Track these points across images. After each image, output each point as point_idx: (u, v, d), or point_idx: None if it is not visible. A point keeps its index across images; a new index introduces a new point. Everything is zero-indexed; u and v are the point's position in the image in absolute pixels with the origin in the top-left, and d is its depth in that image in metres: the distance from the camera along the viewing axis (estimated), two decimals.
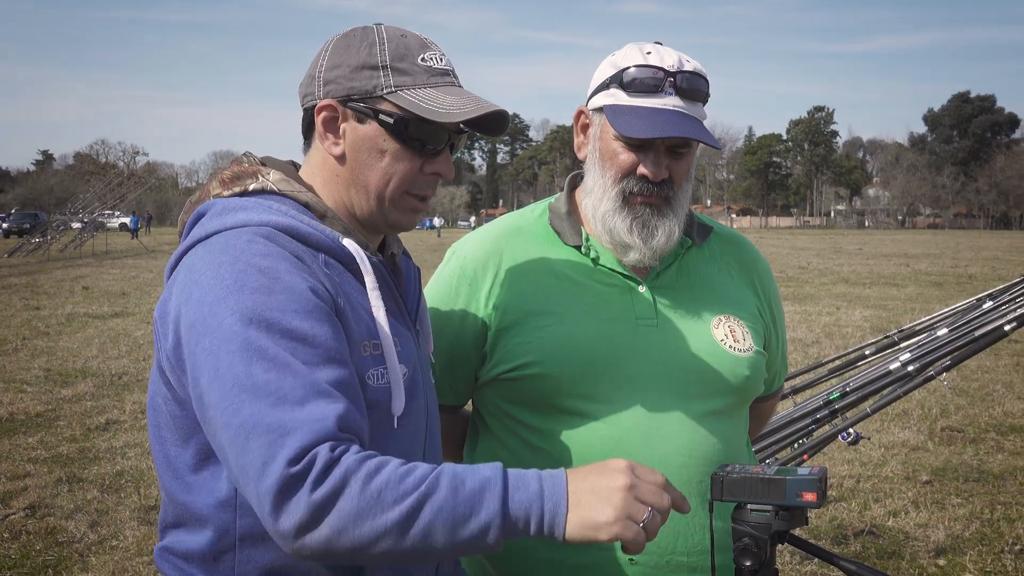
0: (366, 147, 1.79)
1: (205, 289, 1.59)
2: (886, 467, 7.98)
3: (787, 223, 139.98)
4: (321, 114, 1.79)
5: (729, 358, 2.21)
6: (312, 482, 1.45)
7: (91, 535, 6.36)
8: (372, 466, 1.48)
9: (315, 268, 1.68)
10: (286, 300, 1.58)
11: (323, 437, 1.48)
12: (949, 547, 6.17)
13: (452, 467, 1.53)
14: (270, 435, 1.47)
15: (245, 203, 1.74)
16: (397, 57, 1.78)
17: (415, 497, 1.47)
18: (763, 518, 1.68)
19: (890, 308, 20.03)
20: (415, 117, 1.76)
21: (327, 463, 1.46)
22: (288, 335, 1.55)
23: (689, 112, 2.13)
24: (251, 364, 1.52)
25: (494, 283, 2.24)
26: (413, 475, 1.49)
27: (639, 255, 2.18)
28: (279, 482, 1.45)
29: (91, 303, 20.91)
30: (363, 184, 1.80)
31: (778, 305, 2.46)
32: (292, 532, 1.46)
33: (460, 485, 1.49)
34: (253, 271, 1.59)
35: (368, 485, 1.46)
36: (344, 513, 1.45)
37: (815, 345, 14.47)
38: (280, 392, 1.50)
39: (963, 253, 46.42)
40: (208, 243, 1.68)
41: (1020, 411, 10.10)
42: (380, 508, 1.45)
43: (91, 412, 9.92)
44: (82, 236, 46.06)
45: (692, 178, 2.25)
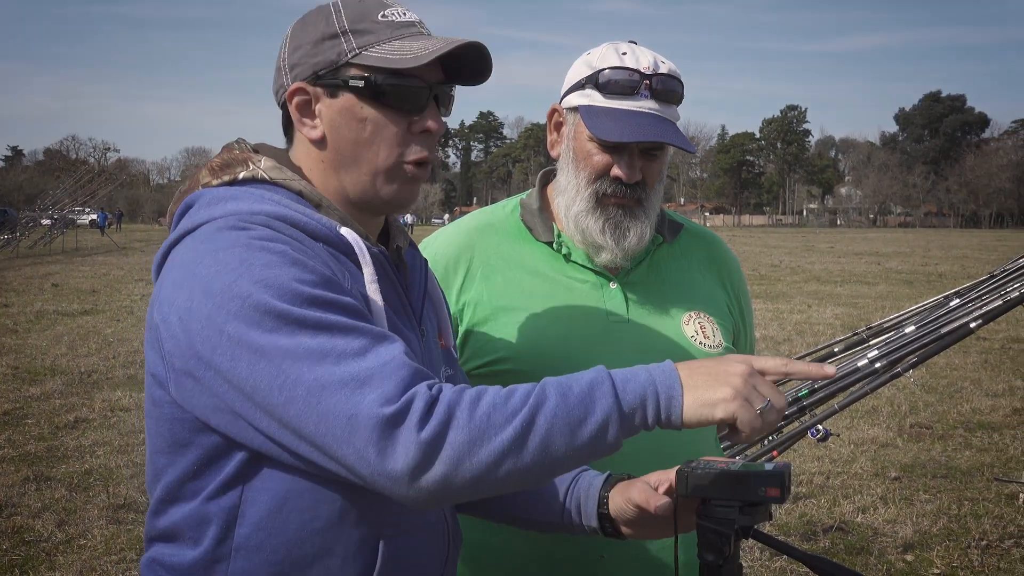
0: (344, 121, 1.67)
1: (208, 278, 1.48)
2: (855, 464, 8.04)
3: (760, 221, 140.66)
4: (293, 100, 1.68)
5: (699, 354, 2.22)
6: (418, 421, 1.37)
7: (59, 534, 6.31)
8: (473, 394, 1.42)
9: (315, 252, 1.57)
10: (300, 272, 1.48)
11: (407, 373, 1.42)
12: (917, 543, 6.22)
13: (554, 378, 1.48)
14: (345, 388, 1.39)
15: (235, 192, 1.63)
16: (355, 19, 1.67)
17: (526, 411, 1.41)
18: (727, 513, 1.68)
19: (861, 306, 20.17)
20: (386, 72, 1.64)
21: (429, 400, 1.39)
22: (315, 300, 1.46)
23: (664, 115, 2.14)
24: (295, 335, 1.42)
25: (465, 279, 2.24)
26: (517, 393, 1.44)
27: (611, 256, 2.19)
28: (378, 427, 1.37)
29: (60, 300, 20.75)
30: (352, 162, 1.68)
31: (747, 302, 2.48)
32: (406, 476, 1.38)
33: (568, 391, 1.45)
34: (258, 251, 1.49)
35: (475, 411, 1.40)
36: (457, 444, 1.38)
37: (787, 343, 14.55)
38: (337, 350, 1.42)
39: (933, 251, 46.81)
40: (197, 234, 1.57)
41: (988, 408, 10.19)
42: (493, 430, 1.39)
43: (60, 410, 9.84)
44: (52, 233, 45.67)
45: (664, 179, 2.26)
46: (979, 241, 62.26)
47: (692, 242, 2.41)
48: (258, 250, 1.49)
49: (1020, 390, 11.00)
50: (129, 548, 6.05)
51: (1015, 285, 4.49)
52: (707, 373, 1.51)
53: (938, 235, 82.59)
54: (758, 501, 1.67)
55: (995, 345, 14.44)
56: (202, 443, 1.57)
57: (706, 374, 1.51)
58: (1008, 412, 9.98)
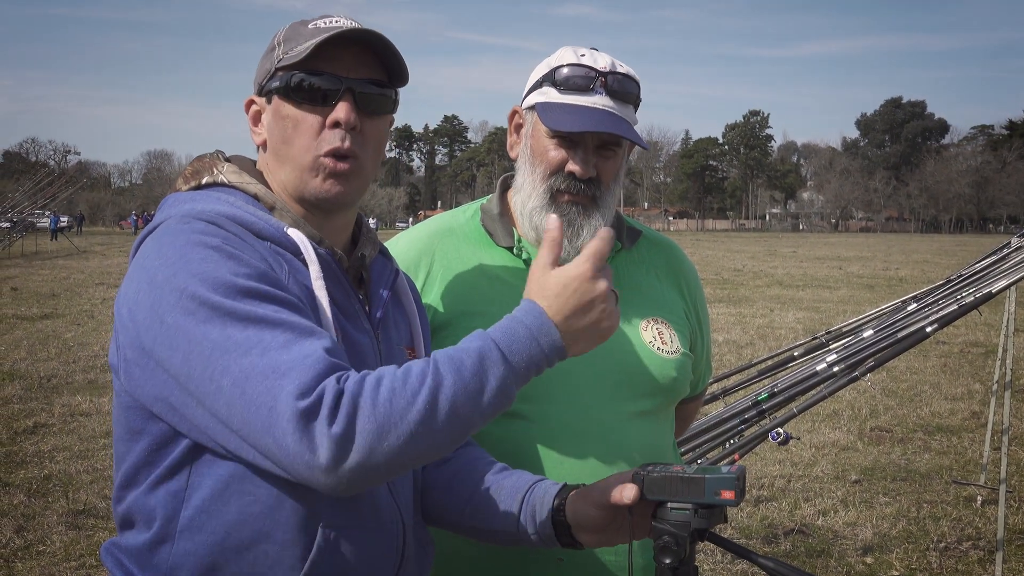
0: (274, 122, 1.80)
1: (153, 271, 1.59)
2: (816, 467, 8.10)
3: (723, 226, 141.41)
4: (249, 111, 1.86)
5: (657, 359, 2.23)
6: (328, 415, 1.44)
7: (17, 540, 6.25)
8: (373, 380, 1.49)
9: (261, 251, 1.67)
10: (236, 266, 1.58)
11: (323, 368, 1.48)
12: (877, 545, 6.28)
13: (444, 353, 1.56)
14: (267, 380, 1.46)
15: (195, 195, 1.77)
16: (290, 33, 1.81)
17: (427, 392, 1.49)
18: (682, 516, 1.70)
19: (823, 310, 20.33)
20: (294, 69, 1.75)
21: (336, 393, 1.46)
22: (248, 293, 1.55)
23: (618, 112, 2.16)
24: (225, 327, 1.51)
25: (426, 283, 2.25)
26: (413, 374, 1.51)
27: (566, 254, 2.19)
28: (293, 419, 1.44)
29: (19, 304, 20.52)
30: (284, 159, 1.79)
31: (704, 309, 2.50)
32: (324, 468, 1.45)
33: (461, 366, 1.53)
34: (196, 246, 1.59)
35: (377, 399, 1.47)
36: (368, 433, 1.45)
37: (749, 347, 14.64)
38: (263, 343, 1.49)
39: (894, 256, 47.27)
40: (155, 232, 1.70)
41: (947, 411, 10.31)
42: (398, 414, 1.47)
43: (18, 415, 9.74)
44: (11, 236, 45.17)
45: (620, 180, 2.28)
46: (939, 246, 62.95)
47: (650, 249, 2.42)
48: (196, 245, 1.59)
49: (978, 394, 11.13)
50: (89, 554, 5.99)
51: (970, 290, 4.56)
52: (575, 303, 1.64)
53: (899, 240, 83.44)
54: (713, 504, 1.69)
55: (954, 349, 14.61)
56: (151, 430, 1.67)
57: (575, 305, 1.63)
58: (966, 415, 10.10)
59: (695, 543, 1.72)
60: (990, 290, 4.38)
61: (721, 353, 13.82)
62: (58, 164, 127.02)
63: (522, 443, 2.13)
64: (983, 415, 9.40)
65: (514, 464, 2.08)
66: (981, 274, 4.92)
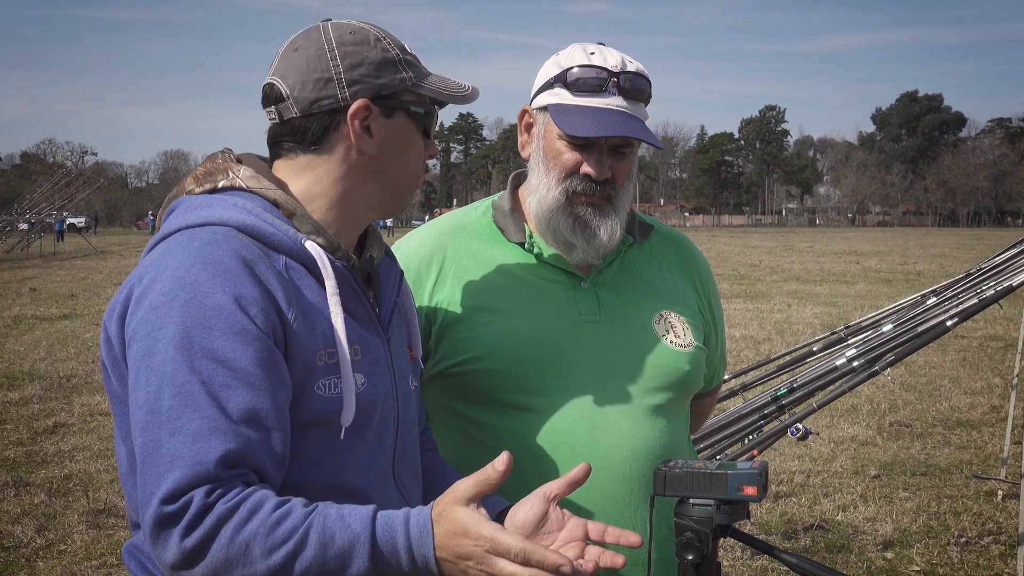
0: (396, 140, 1.83)
1: (151, 294, 1.61)
2: (835, 462, 8.08)
3: (739, 221, 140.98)
4: (359, 115, 1.78)
5: (670, 353, 2.23)
6: (184, 528, 1.49)
7: (38, 540, 6.28)
8: (244, 514, 1.51)
9: (268, 275, 1.65)
10: (213, 317, 1.58)
11: (201, 479, 1.51)
12: (897, 540, 6.26)
13: (323, 517, 1.53)
14: (159, 466, 1.52)
15: (211, 200, 1.73)
16: (401, 50, 1.84)
17: (284, 553, 1.50)
18: (705, 512, 1.69)
19: (840, 305, 20.26)
20: (435, 103, 1.88)
21: (200, 509, 1.50)
22: (207, 354, 1.56)
23: (632, 112, 2.15)
24: (162, 386, 1.55)
25: (438, 279, 2.25)
26: (284, 525, 1.51)
27: (583, 254, 2.20)
28: (154, 517, 1.50)
29: (39, 305, 20.63)
30: (388, 176, 1.85)
31: (717, 303, 2.50)
32: (168, 566, 1.51)
33: (330, 541, 1.52)
34: (188, 284, 1.59)
35: (237, 535, 1.50)
36: (215, 560, 1.50)
37: (767, 342, 14.60)
38: (178, 423, 1.53)
39: (911, 250, 47.07)
40: (169, 241, 1.69)
41: (966, 405, 10.26)
42: (249, 560, 1.50)
43: (39, 415, 9.79)
44: (29, 237, 45.42)
45: (634, 178, 2.28)
46: (957, 240, 62.64)
47: (662, 243, 2.43)
48: (190, 285, 1.59)
49: (998, 388, 11.07)
50: (109, 553, 6.02)
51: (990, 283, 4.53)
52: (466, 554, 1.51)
53: (916, 234, 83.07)
54: (735, 500, 1.68)
55: (973, 343, 14.54)
56: None
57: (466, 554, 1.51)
58: (986, 409, 10.05)
59: (717, 539, 1.71)
60: (1011, 283, 4.35)
61: (738, 349, 13.79)
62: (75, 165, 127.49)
63: (533, 437, 2.14)
64: (1003, 409, 9.36)
65: (525, 459, 2.09)
66: (1001, 267, 4.90)
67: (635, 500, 2.12)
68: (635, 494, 2.12)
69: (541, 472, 2.11)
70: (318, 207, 1.81)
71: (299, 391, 1.67)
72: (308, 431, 1.69)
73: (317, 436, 1.70)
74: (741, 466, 1.69)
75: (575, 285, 2.25)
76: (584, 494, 2.10)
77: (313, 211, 1.80)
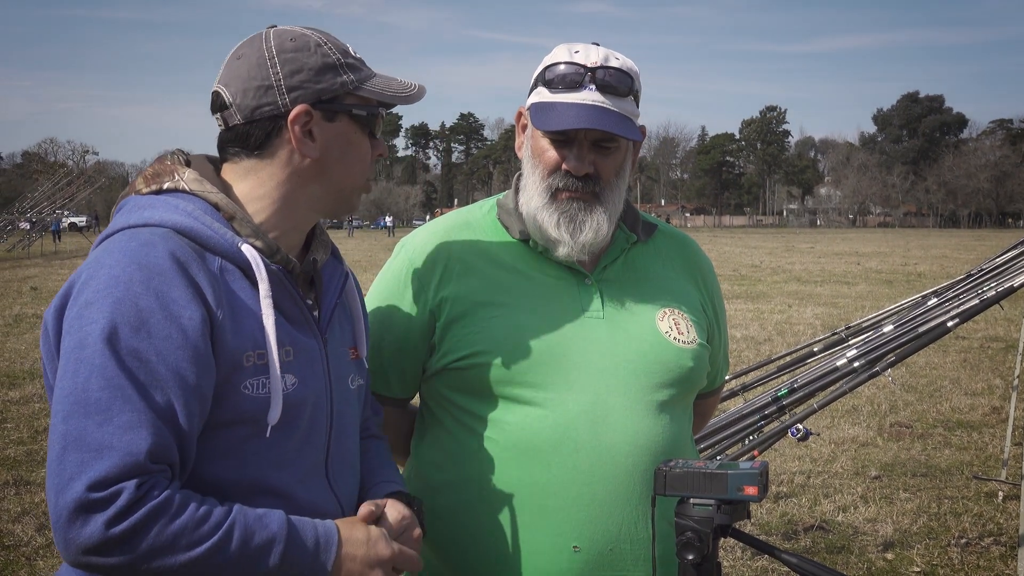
0: (339, 144, 1.87)
1: (87, 290, 1.67)
2: (836, 463, 8.07)
3: (740, 222, 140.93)
4: (299, 121, 1.83)
5: (673, 350, 2.24)
6: (112, 517, 1.56)
7: (39, 538, 6.28)
8: (174, 509, 1.61)
9: (201, 276, 1.71)
10: (143, 317, 1.64)
11: (132, 471, 1.58)
12: (897, 541, 6.26)
13: (244, 515, 1.67)
14: (86, 453, 1.58)
15: (154, 201, 1.80)
16: (343, 53, 1.88)
17: (208, 546, 1.62)
18: (705, 512, 1.70)
19: (841, 306, 20.25)
20: (379, 104, 1.91)
21: (130, 501, 1.57)
22: (132, 353, 1.62)
23: (612, 107, 2.16)
24: (91, 377, 1.61)
25: (443, 276, 2.26)
26: (208, 522, 1.63)
27: (568, 250, 2.21)
28: (76, 503, 1.56)
29: (40, 304, 20.61)
30: (332, 179, 1.89)
31: (720, 302, 2.50)
32: (79, 549, 1.58)
33: (250, 539, 1.66)
34: (122, 283, 1.65)
35: (167, 529, 1.59)
36: (140, 552, 1.58)
37: (767, 343, 14.60)
38: (108, 413, 1.59)
39: (912, 251, 47.05)
40: (111, 240, 1.75)
41: (967, 406, 10.26)
42: (174, 551, 1.60)
43: (39, 414, 9.79)
44: (30, 236, 45.40)
45: (625, 175, 2.27)
46: (958, 241, 62.61)
47: (666, 242, 2.43)
48: (124, 283, 1.65)
49: (999, 389, 11.07)
50: None
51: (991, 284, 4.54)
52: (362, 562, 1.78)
53: (917, 235, 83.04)
54: (735, 500, 1.69)
55: (974, 344, 14.53)
56: None
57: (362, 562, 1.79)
58: (987, 411, 10.05)
59: (718, 539, 1.72)
60: (1012, 284, 4.35)
61: (739, 349, 13.79)
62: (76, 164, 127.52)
63: (538, 431, 2.14)
64: (1003, 410, 9.36)
65: (529, 453, 2.10)
66: (1003, 268, 4.90)
67: (637, 495, 2.12)
68: (638, 489, 2.12)
69: (544, 467, 2.12)
70: (260, 209, 1.86)
71: (225, 390, 1.73)
72: (234, 428, 1.76)
73: (243, 434, 1.76)
74: (742, 466, 1.69)
75: (579, 282, 2.26)
76: (587, 489, 2.11)
77: (255, 213, 1.85)
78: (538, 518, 2.12)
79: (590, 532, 2.11)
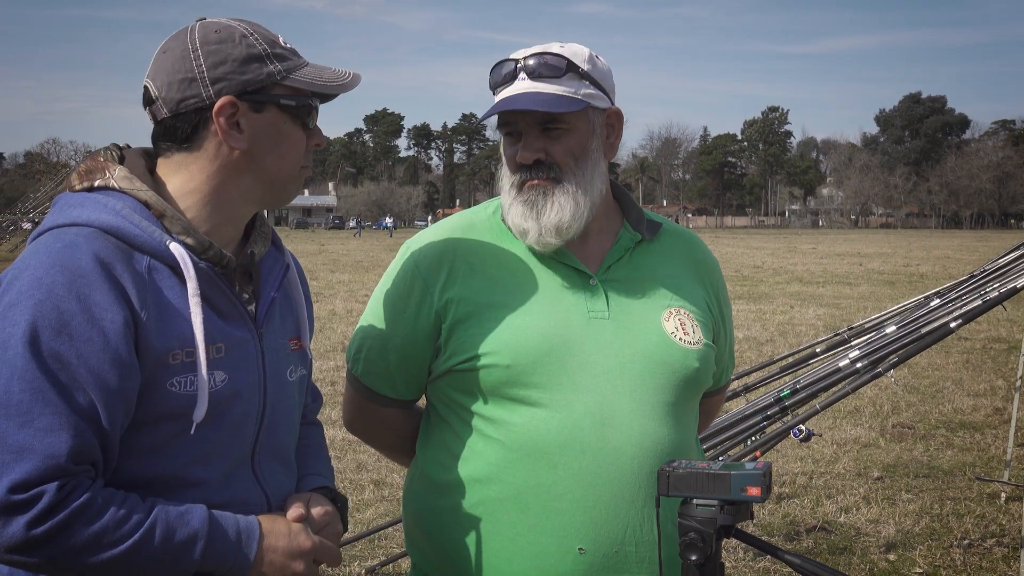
0: (268, 134, 1.86)
1: (11, 291, 1.69)
2: (838, 464, 8.07)
3: (742, 223, 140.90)
4: (223, 112, 1.82)
5: (679, 350, 2.24)
6: (33, 518, 1.59)
7: None
8: (95, 509, 1.64)
9: (125, 277, 1.71)
10: (64, 320, 1.65)
11: (53, 473, 1.61)
12: (899, 542, 6.25)
13: (165, 513, 1.71)
14: (7, 455, 1.60)
15: (84, 199, 1.80)
16: (270, 44, 1.86)
17: (129, 544, 1.65)
18: (708, 513, 1.70)
19: (843, 307, 20.24)
20: (310, 94, 1.89)
21: (52, 503, 1.60)
22: (53, 355, 1.64)
23: (544, 89, 2.18)
24: (12, 380, 1.62)
25: (448, 277, 2.26)
26: (130, 522, 1.66)
27: (536, 234, 2.21)
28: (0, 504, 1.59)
29: None
30: (264, 170, 1.88)
31: (726, 301, 2.50)
32: (2, 548, 1.61)
33: (171, 535, 1.70)
34: (44, 285, 1.66)
35: (88, 528, 1.63)
36: (61, 550, 1.62)
37: (769, 343, 14.59)
38: (28, 415, 1.61)
39: (915, 252, 47.02)
40: (38, 240, 1.77)
41: (969, 407, 10.24)
42: (96, 550, 1.64)
43: None
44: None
45: (591, 155, 2.25)
46: (960, 242, 62.58)
47: (671, 241, 2.43)
48: (46, 286, 1.66)
49: (1001, 390, 11.05)
50: None
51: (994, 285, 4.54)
52: (282, 554, 1.82)
53: (919, 236, 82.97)
54: (739, 500, 1.68)
55: (976, 345, 14.52)
56: None
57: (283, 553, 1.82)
58: (989, 412, 10.04)
59: (721, 540, 1.71)
60: (1015, 285, 4.35)
61: (741, 350, 13.78)
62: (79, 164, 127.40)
63: (544, 432, 2.14)
64: (1006, 411, 9.35)
65: (534, 454, 2.10)
66: (1006, 269, 4.89)
67: (643, 497, 2.12)
68: (643, 491, 2.12)
69: (550, 468, 2.12)
70: (192, 204, 1.86)
71: (150, 388, 1.74)
72: (159, 425, 1.77)
73: (170, 430, 1.78)
74: (745, 467, 1.69)
75: (584, 282, 2.26)
76: (593, 491, 2.11)
77: (187, 208, 1.85)
78: (543, 520, 2.12)
79: (595, 534, 2.11)
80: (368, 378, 2.34)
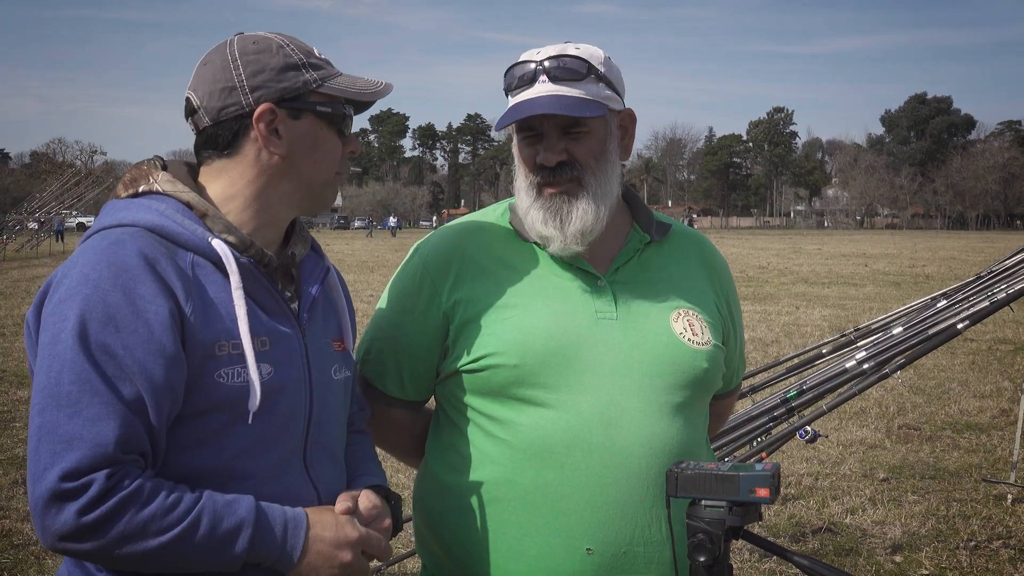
0: (305, 140, 1.93)
1: (61, 288, 1.75)
2: (844, 465, 8.05)
3: (747, 223, 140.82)
4: (263, 119, 1.89)
5: (688, 351, 2.23)
6: (84, 505, 1.65)
7: None
8: (144, 497, 1.69)
9: (170, 272, 1.77)
10: (110, 313, 1.71)
11: (102, 462, 1.66)
12: (906, 544, 6.24)
13: (213, 501, 1.75)
14: (58, 444, 1.66)
15: (130, 203, 1.88)
16: (306, 54, 1.94)
17: (177, 532, 1.70)
18: (717, 514, 1.70)
19: (849, 307, 20.22)
20: (346, 102, 1.97)
21: (101, 491, 1.65)
22: (101, 347, 1.70)
23: (567, 93, 2.17)
24: (62, 372, 1.69)
25: (457, 278, 2.26)
26: (178, 509, 1.71)
27: (560, 244, 2.21)
28: (50, 492, 1.65)
29: None
30: (301, 175, 1.95)
31: (736, 303, 2.49)
32: (55, 536, 1.67)
33: (218, 524, 1.74)
34: (91, 281, 1.73)
35: (137, 516, 1.68)
36: (110, 537, 1.67)
37: (775, 344, 14.57)
38: (77, 406, 1.67)
39: (920, 253, 46.95)
40: (88, 241, 1.84)
41: (975, 409, 10.23)
42: (144, 537, 1.68)
43: None
44: (39, 236, 45.48)
45: (610, 157, 2.26)
46: (966, 243, 62.47)
47: (681, 242, 2.43)
48: (92, 281, 1.73)
49: (1007, 391, 11.03)
50: None
51: (1001, 286, 4.53)
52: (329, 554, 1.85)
53: (925, 237, 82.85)
54: (747, 502, 1.68)
55: (982, 346, 14.49)
56: None
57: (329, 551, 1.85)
58: (996, 413, 10.02)
59: (729, 541, 1.71)
60: (1022, 286, 4.34)
61: (747, 351, 13.73)
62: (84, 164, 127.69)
63: (551, 433, 2.14)
64: (1012, 412, 9.32)
65: (542, 455, 2.10)
66: (1013, 270, 4.88)
67: (651, 498, 2.12)
68: (651, 492, 2.12)
69: (557, 469, 2.12)
70: (234, 208, 1.93)
71: (198, 380, 1.79)
72: (209, 417, 1.82)
73: (220, 421, 1.82)
74: (754, 468, 1.69)
75: (592, 283, 2.26)
76: (601, 492, 2.10)
77: (229, 212, 1.92)
78: (551, 520, 2.12)
79: (603, 534, 2.11)
80: (377, 379, 2.34)
